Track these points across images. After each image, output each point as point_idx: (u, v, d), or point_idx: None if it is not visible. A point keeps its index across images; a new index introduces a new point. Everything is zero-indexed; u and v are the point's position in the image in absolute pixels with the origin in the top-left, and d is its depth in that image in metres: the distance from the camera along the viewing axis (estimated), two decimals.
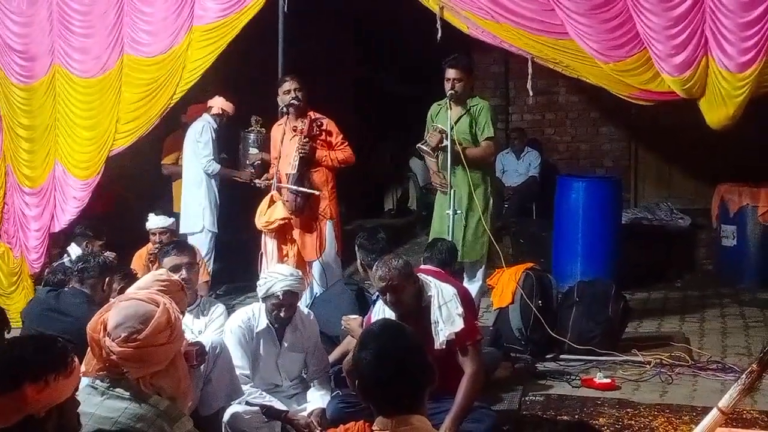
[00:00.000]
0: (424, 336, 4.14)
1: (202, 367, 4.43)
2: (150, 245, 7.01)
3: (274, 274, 4.91)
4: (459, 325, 4.31)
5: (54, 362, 2.53)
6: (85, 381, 3.24)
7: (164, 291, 3.60)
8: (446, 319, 4.31)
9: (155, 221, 7.09)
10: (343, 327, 5.21)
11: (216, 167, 7.93)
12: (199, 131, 7.90)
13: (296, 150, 6.44)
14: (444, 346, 4.27)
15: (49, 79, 7.55)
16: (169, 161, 8.46)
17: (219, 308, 5.27)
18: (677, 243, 9.25)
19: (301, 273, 4.99)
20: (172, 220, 7.23)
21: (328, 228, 6.69)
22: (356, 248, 5.75)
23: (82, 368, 3.10)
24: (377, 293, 4.59)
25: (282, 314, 4.86)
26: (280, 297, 4.80)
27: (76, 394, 2.65)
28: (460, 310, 4.36)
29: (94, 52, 7.33)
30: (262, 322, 4.92)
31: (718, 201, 8.72)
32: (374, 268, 4.43)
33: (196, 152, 7.92)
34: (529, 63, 6.07)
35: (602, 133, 10.42)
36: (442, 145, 6.20)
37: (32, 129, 7.71)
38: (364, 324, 4.86)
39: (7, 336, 4.40)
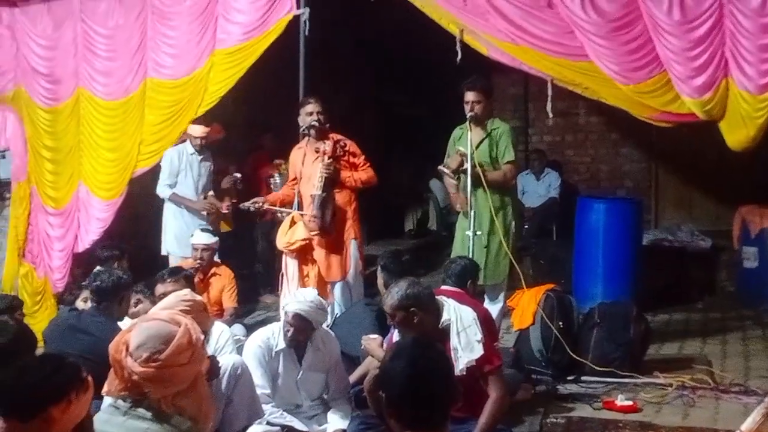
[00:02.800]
0: None
1: (223, 387, 4.46)
2: (191, 260, 7.07)
3: (297, 295, 4.97)
4: (478, 352, 4.27)
5: (72, 380, 2.56)
6: (107, 401, 3.27)
7: (188, 311, 3.63)
8: (465, 346, 4.28)
9: (199, 237, 7.14)
10: (362, 347, 5.22)
11: (166, 192, 7.69)
12: (164, 156, 7.69)
13: (320, 171, 6.47)
14: (464, 373, 4.23)
15: (73, 101, 7.65)
16: None
17: (224, 333, 5.16)
18: (698, 264, 9.18)
19: (324, 304, 4.99)
20: (216, 238, 7.24)
21: (352, 248, 6.72)
22: (379, 269, 5.76)
23: (105, 388, 3.13)
24: None
25: (289, 334, 4.89)
26: (289, 317, 4.85)
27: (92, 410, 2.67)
28: (480, 336, 4.32)
29: (118, 75, 7.43)
30: (282, 341, 4.94)
31: (739, 222, 8.66)
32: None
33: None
34: (549, 85, 6.08)
35: (622, 155, 10.42)
36: (463, 168, 6.21)
37: (56, 151, 7.81)
38: (384, 344, 4.86)
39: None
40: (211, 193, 7.83)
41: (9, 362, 3.16)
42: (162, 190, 7.71)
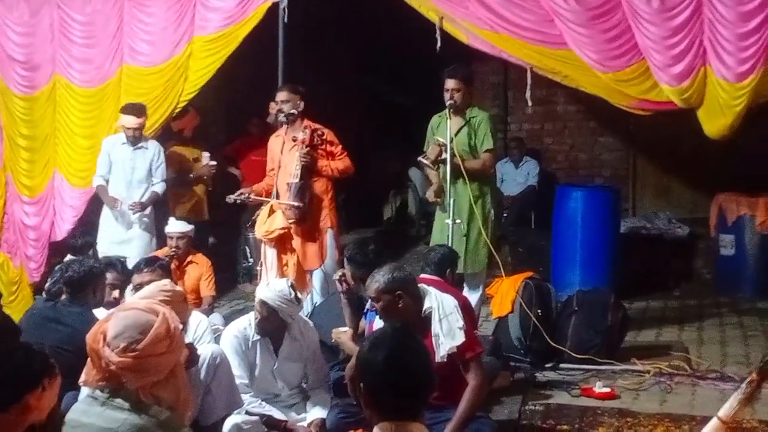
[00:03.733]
0: None
1: (202, 376, 4.44)
2: (166, 249, 7.02)
3: (270, 283, 4.97)
4: (460, 338, 4.27)
5: (43, 366, 2.54)
6: (85, 391, 3.24)
7: (167, 301, 3.60)
8: (447, 333, 4.27)
9: (174, 226, 7.06)
10: (333, 339, 5.20)
11: (95, 183, 7.38)
12: None
13: (298, 159, 6.45)
14: (445, 360, 4.22)
15: (49, 88, 7.58)
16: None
17: (203, 323, 5.13)
18: (676, 252, 9.25)
19: (295, 296, 4.95)
20: (191, 226, 7.14)
21: (329, 237, 6.70)
22: (345, 261, 5.60)
23: (83, 378, 3.11)
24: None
25: (256, 320, 4.89)
26: (256, 304, 4.85)
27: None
28: (461, 323, 4.31)
29: (95, 62, 7.38)
30: None
31: (716, 210, 8.72)
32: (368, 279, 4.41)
33: None
34: (528, 73, 6.09)
35: (601, 143, 10.45)
36: (441, 158, 6.19)
37: (32, 139, 7.73)
38: (365, 333, 4.84)
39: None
40: (159, 184, 7.42)
41: None
42: (93, 179, 7.41)
